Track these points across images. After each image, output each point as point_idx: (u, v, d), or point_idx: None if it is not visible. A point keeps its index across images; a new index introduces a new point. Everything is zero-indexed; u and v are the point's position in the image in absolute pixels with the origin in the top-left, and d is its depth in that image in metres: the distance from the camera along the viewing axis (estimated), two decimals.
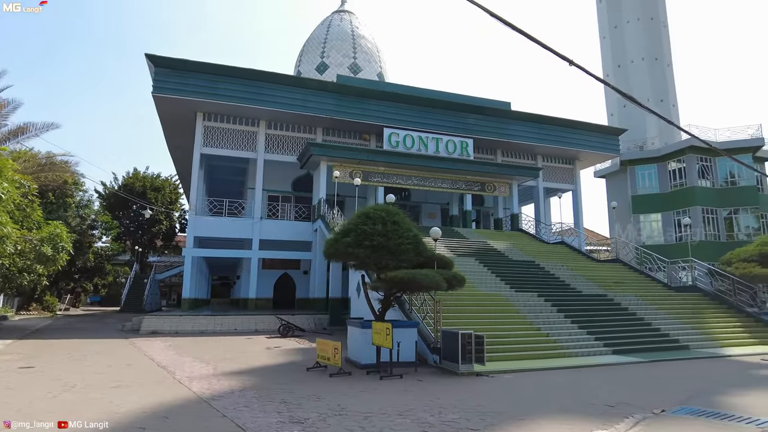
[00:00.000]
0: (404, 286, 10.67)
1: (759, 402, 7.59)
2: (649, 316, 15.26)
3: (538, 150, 29.71)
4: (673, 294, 17.74)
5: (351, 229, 11.42)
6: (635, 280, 19.33)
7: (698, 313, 16.01)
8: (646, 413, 6.81)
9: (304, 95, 24.69)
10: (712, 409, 6.96)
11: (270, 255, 25.11)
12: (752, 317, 16.08)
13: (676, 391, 8.38)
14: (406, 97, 26.42)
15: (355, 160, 24.37)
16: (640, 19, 35.85)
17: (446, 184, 26.50)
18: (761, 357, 12.25)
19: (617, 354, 12.46)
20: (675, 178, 31.27)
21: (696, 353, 12.84)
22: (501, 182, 27.33)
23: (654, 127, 35.00)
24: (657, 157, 32.02)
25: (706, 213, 29.82)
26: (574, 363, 11.30)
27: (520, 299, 15.16)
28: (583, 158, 31.09)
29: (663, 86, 35.17)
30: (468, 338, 10.23)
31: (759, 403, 7.52)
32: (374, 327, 10.40)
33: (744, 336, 14.84)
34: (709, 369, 10.89)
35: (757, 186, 30.25)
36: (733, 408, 7.07)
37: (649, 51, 35.55)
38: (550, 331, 13.23)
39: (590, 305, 15.52)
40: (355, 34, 39.64)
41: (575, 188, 30.95)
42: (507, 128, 28.10)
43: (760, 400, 7.74)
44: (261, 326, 20.31)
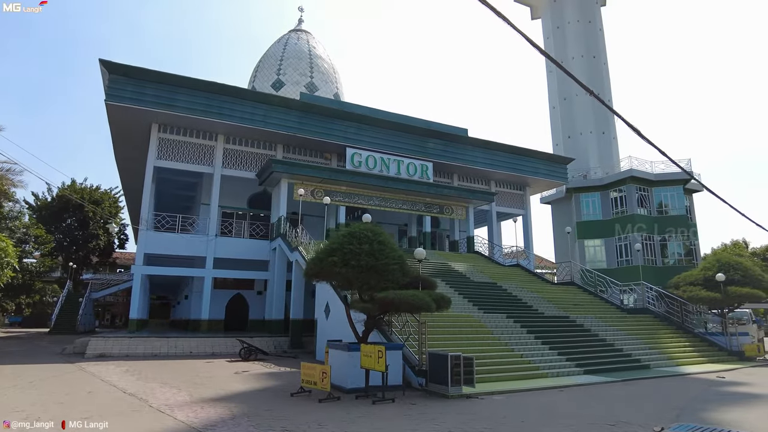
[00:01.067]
0: (394, 307, 10.53)
1: (745, 417, 8.06)
2: (610, 336, 15.95)
3: (492, 175, 30.75)
4: (627, 316, 18.70)
5: (337, 249, 11.17)
6: (591, 303, 20.21)
7: (652, 334, 16.94)
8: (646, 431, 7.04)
9: (266, 111, 24.26)
10: (707, 425, 7.30)
11: (224, 274, 24.10)
12: (698, 337, 17.22)
13: (663, 409, 8.75)
14: (370, 118, 26.61)
15: (318, 179, 24.10)
16: (584, 56, 38.37)
17: (406, 205, 26.75)
18: (717, 374, 13.11)
19: (588, 374, 12.88)
20: (616, 205, 33.30)
21: (657, 372, 13.52)
22: (458, 205, 27.95)
23: (595, 158, 37.25)
24: (600, 185, 34.00)
25: (644, 239, 31.87)
26: (553, 383, 11.55)
27: (490, 320, 15.39)
28: (533, 185, 32.50)
29: (604, 120, 37.62)
30: (457, 360, 10.22)
31: (745, 417, 7.99)
32: (363, 350, 10.14)
33: (694, 355, 15.84)
34: (679, 387, 11.49)
35: (687, 215, 32.78)
36: (724, 423, 7.46)
37: (591, 86, 37.91)
38: (524, 352, 13.49)
39: (556, 326, 16.01)
40: (312, 54, 39.68)
41: (525, 213, 32.19)
42: (464, 154, 28.91)
43: (745, 415, 8.23)
44: (218, 349, 19.32)
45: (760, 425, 7.64)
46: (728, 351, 16.35)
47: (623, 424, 7.48)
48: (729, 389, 11.16)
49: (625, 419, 7.80)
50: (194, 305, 25.28)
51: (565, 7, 39.48)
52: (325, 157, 27.05)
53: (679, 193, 32.48)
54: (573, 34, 39.05)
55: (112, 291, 36.30)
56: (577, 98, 38.37)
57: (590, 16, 39.11)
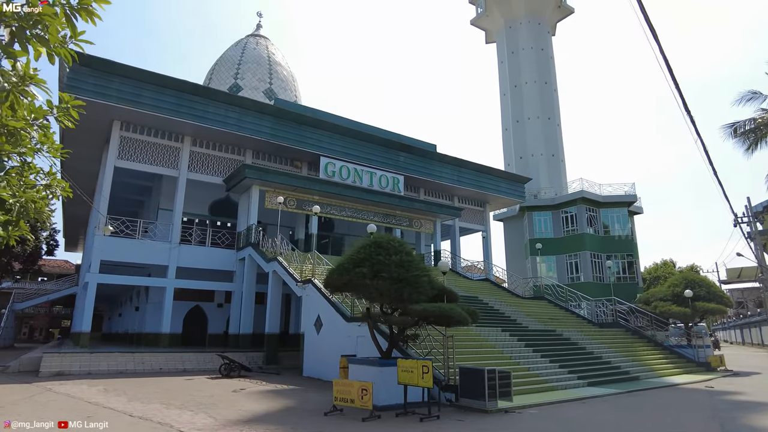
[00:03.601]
0: (432, 319, 10.25)
1: None
2: (595, 349, 16.58)
3: (456, 191, 31.32)
4: (603, 330, 19.56)
5: (364, 259, 10.72)
6: (564, 317, 20.96)
7: (629, 347, 17.82)
8: None
9: (239, 114, 23.19)
10: None
11: (187, 284, 22.46)
12: (668, 350, 18.36)
13: (701, 419, 9.12)
14: (343, 128, 26.24)
15: (291, 187, 23.32)
16: (536, 82, 40.39)
17: (378, 217, 26.50)
18: (704, 384, 13.98)
19: (592, 386, 13.25)
20: (567, 224, 35.04)
21: (649, 383, 14.19)
22: (427, 219, 28.15)
23: (546, 179, 39.09)
24: (552, 205, 35.65)
25: (593, 257, 33.74)
26: (571, 396, 11.74)
27: (489, 334, 15.47)
28: (493, 202, 33.48)
29: (554, 143, 39.68)
30: (492, 374, 10.11)
31: None
32: (402, 365, 9.74)
33: (670, 366, 16.84)
34: (685, 397, 12.10)
35: (630, 236, 35.15)
36: None
37: (543, 110, 40.05)
38: (529, 366, 13.66)
39: (546, 340, 16.40)
40: (272, 60, 38.71)
41: (485, 229, 33.05)
42: (432, 169, 29.25)
43: None
44: (190, 365, 17.92)
45: None
46: (696, 362, 17.57)
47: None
48: (733, 398, 11.90)
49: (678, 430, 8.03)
50: (150, 318, 23.34)
51: (519, 34, 41.45)
52: (295, 165, 26.26)
53: (624, 214, 34.80)
54: (526, 60, 41.02)
55: (40, 301, 32.73)
56: (529, 121, 40.22)
57: (542, 44, 41.32)
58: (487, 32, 45.76)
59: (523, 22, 41.33)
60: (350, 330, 14.64)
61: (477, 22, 44.72)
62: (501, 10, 42.26)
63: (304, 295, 17.78)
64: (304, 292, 17.77)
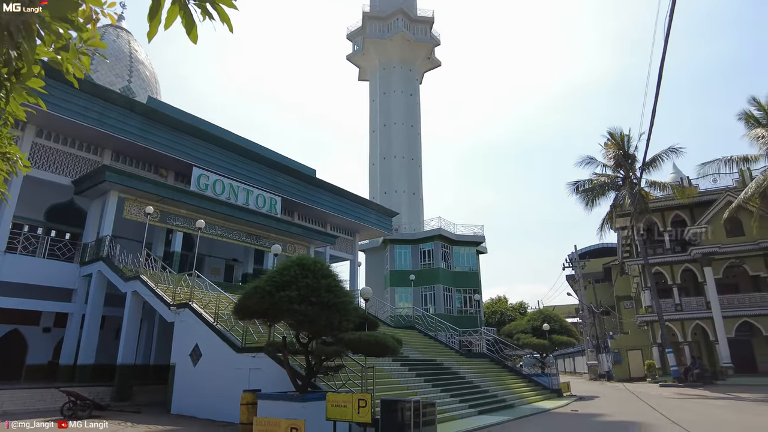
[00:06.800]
0: (367, 349, 9.78)
1: None
2: (474, 378, 17.57)
3: (330, 219, 31.16)
4: (472, 359, 20.85)
5: (290, 282, 9.93)
6: (435, 346, 21.89)
7: (497, 376, 19.28)
8: None
9: (103, 108, 20.14)
10: None
11: (12, 303, 18.20)
12: (527, 378, 20.31)
13: None
14: (222, 140, 24.47)
15: (156, 197, 20.84)
16: (404, 124, 42.92)
17: (250, 239, 25.05)
18: (570, 408, 15.69)
19: (483, 414, 13.95)
20: (424, 258, 37.18)
21: (526, 410, 15.43)
22: (301, 244, 27.39)
23: (407, 214, 41.26)
24: (412, 240, 37.61)
25: (445, 291, 36.20)
26: (475, 425, 12.15)
27: (383, 364, 15.36)
28: (363, 232, 34.05)
29: (416, 182, 42.29)
30: (417, 405, 9.99)
31: None
32: (333, 399, 9.09)
33: (533, 393, 18.60)
34: (565, 420, 13.41)
35: (476, 272, 38.63)
36: None
37: (408, 151, 42.58)
38: (426, 396, 13.83)
39: (432, 370, 16.90)
40: (134, 57, 34.67)
41: (353, 258, 33.34)
42: (310, 194, 28.77)
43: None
44: (12, 406, 14.36)
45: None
46: (550, 389, 19.72)
47: None
48: (603, 419, 13.52)
49: None
50: None
51: (391, 78, 43.89)
52: (160, 173, 23.57)
53: (473, 253, 38.23)
54: (396, 103, 43.49)
55: None
56: (395, 160, 42.37)
57: (411, 90, 44.29)
58: (361, 69, 47.52)
59: (396, 67, 43.92)
60: (241, 362, 13.26)
61: (352, 58, 46.22)
62: (377, 52, 44.38)
63: (177, 321, 15.68)
64: (177, 318, 15.68)
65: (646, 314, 31.45)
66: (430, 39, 45.53)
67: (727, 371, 26.78)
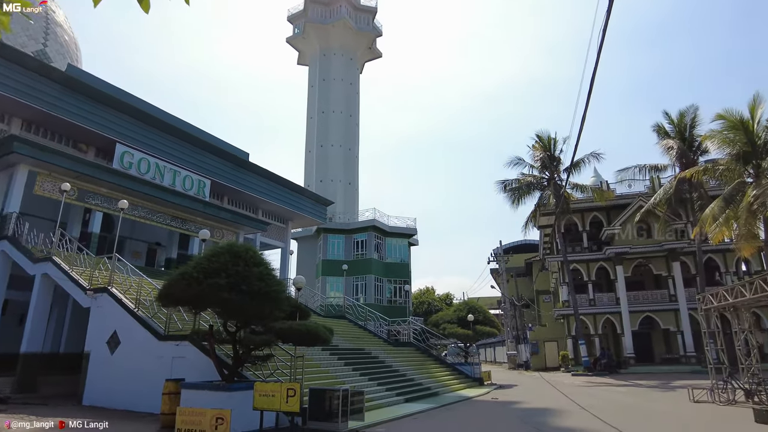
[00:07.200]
0: (298, 338, 9.67)
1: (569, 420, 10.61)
2: (401, 367, 17.93)
3: (262, 204, 30.39)
4: (400, 349, 21.24)
5: (219, 269, 9.60)
6: (364, 336, 22.09)
7: (423, 365, 19.79)
8: None
9: (18, 74, 18.37)
10: None
11: None
12: (451, 367, 21.01)
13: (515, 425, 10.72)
14: (149, 116, 23.09)
15: (73, 173, 19.40)
16: (342, 112, 42.60)
17: (175, 222, 23.94)
18: (491, 396, 16.43)
19: (409, 402, 14.29)
20: (357, 249, 37.28)
21: (450, 397, 15.99)
22: (230, 230, 26.54)
23: (341, 204, 41.12)
24: (346, 230, 37.55)
25: (376, 281, 36.54)
26: (402, 412, 12.43)
27: (313, 353, 15.28)
28: (297, 220, 33.53)
29: (352, 172, 42.20)
30: (346, 394, 10.07)
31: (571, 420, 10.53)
32: (261, 388, 8.93)
33: (456, 381, 19.28)
34: (487, 408, 14.04)
35: (407, 264, 39.30)
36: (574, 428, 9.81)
37: (345, 140, 42.33)
38: (356, 385, 13.94)
39: (361, 359, 17.05)
40: (50, 18, 31.71)
41: (285, 246, 32.79)
42: (243, 178, 27.89)
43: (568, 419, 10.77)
44: None
45: (584, 422, 10.24)
46: (473, 378, 20.54)
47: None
48: (521, 406, 14.28)
49: None
50: None
51: (332, 64, 43.35)
52: (79, 148, 21.92)
53: (405, 244, 38.84)
54: (336, 90, 43.04)
55: None
56: (332, 148, 42.01)
57: (351, 79, 44.00)
58: (301, 53, 46.52)
59: (337, 54, 43.40)
60: (163, 350, 12.70)
61: (292, 41, 45.15)
62: (318, 37, 43.61)
63: (93, 307, 14.72)
64: (94, 303, 14.72)
65: (563, 308, 33.50)
66: (373, 29, 45.40)
67: (629, 361, 29.20)
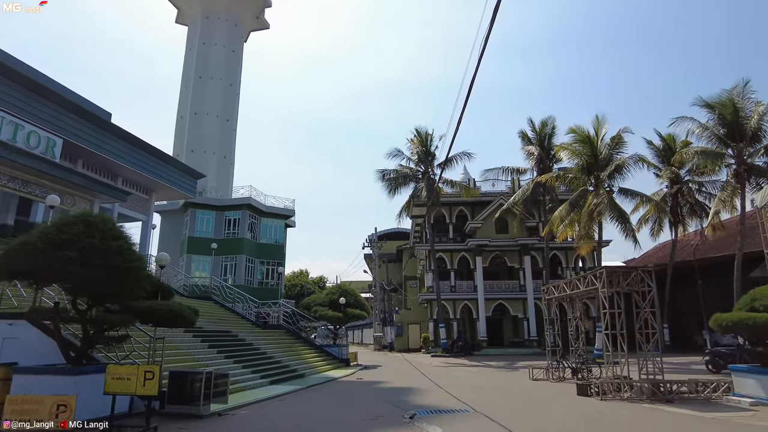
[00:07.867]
0: (160, 319, 8.98)
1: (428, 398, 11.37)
2: (268, 350, 17.68)
3: (121, 171, 27.48)
4: (268, 331, 20.86)
5: (71, 241, 8.56)
6: (231, 318, 21.34)
7: (292, 347, 19.73)
8: (404, 419, 9.25)
9: None
10: (433, 410, 10.11)
11: None
12: (319, 348, 21.23)
13: (380, 403, 11.23)
14: None
15: None
16: (222, 80, 40.10)
17: (15, 183, 20.71)
18: (356, 377, 16.93)
19: (275, 384, 14.19)
20: (229, 227, 35.70)
21: (316, 379, 16.19)
22: (83, 198, 23.62)
23: (214, 178, 38.98)
24: (219, 206, 35.66)
25: (247, 262, 35.40)
26: (266, 394, 12.29)
27: (173, 335, 14.39)
28: (161, 192, 30.94)
29: (228, 145, 40.09)
30: (209, 377, 9.70)
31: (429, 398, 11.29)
32: (114, 371, 8.16)
33: (323, 363, 19.55)
34: (351, 388, 14.44)
35: (282, 245, 38.62)
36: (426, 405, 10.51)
37: (223, 110, 40.01)
38: (219, 367, 13.45)
39: (226, 341, 16.47)
40: None
41: (147, 219, 30.18)
42: (101, 140, 24.91)
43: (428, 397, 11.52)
44: None
45: (440, 400, 11.03)
46: (340, 359, 20.96)
47: (381, 418, 9.43)
48: (384, 386, 14.93)
49: (376, 414, 9.80)
50: None
51: (215, 28, 40.55)
52: None
53: (282, 226, 38.12)
54: (216, 56, 40.39)
55: None
56: (207, 117, 39.47)
57: (234, 46, 41.61)
58: (180, 11, 42.75)
59: (221, 18, 40.73)
60: None
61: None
62: None
63: None
64: None
65: (427, 293, 35.67)
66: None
67: (482, 344, 32.16)
